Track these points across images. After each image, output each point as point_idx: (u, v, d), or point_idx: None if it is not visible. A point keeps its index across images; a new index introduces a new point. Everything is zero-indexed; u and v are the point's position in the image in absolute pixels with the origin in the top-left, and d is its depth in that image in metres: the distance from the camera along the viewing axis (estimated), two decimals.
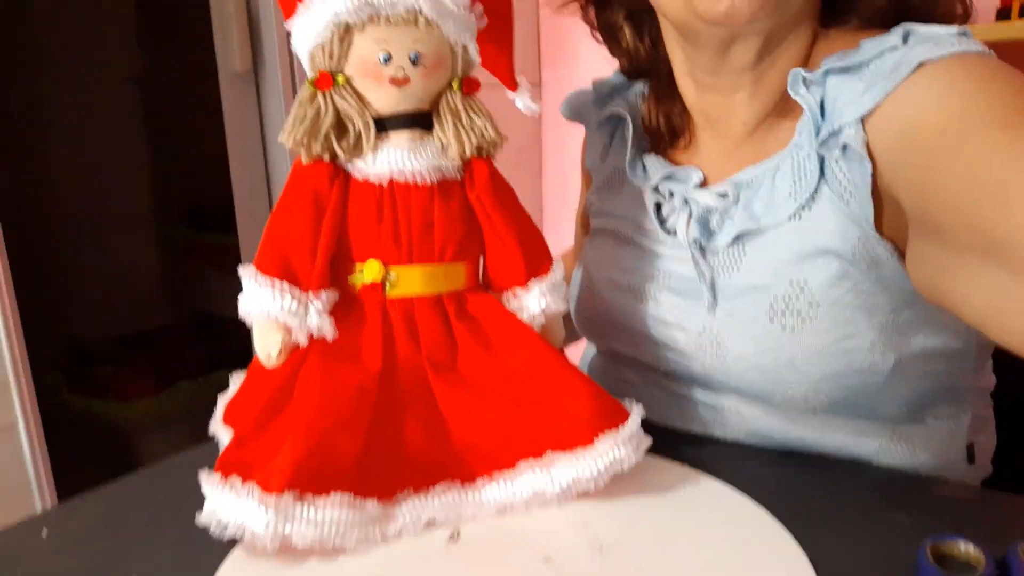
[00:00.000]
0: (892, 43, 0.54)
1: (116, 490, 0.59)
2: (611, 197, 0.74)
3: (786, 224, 0.57)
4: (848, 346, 0.56)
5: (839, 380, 0.57)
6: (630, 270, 0.68)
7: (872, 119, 0.53)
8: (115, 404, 1.67)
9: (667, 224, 0.66)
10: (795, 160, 0.58)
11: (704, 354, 0.62)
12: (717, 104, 0.65)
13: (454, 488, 0.51)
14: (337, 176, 0.51)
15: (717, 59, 0.62)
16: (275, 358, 0.50)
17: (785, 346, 0.57)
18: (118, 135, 1.62)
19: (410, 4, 0.49)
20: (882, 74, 0.53)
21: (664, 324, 0.65)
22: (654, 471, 0.55)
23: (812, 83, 0.57)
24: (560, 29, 1.84)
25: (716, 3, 0.54)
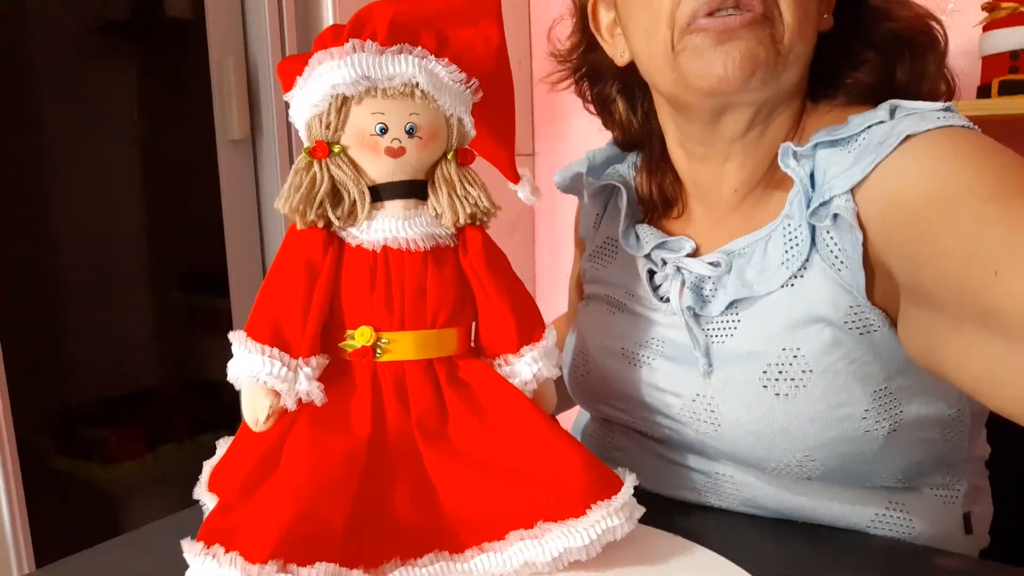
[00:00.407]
0: (879, 117, 0.56)
1: (96, 556, 0.58)
2: (604, 265, 0.75)
3: (778, 292, 0.58)
4: (842, 413, 0.56)
5: (834, 447, 0.57)
6: (623, 336, 0.68)
7: (862, 190, 0.54)
8: (100, 466, 1.64)
9: (660, 291, 0.67)
10: (786, 230, 0.59)
11: (698, 420, 0.62)
12: (708, 174, 0.67)
13: (442, 558, 0.50)
14: (331, 243, 0.52)
15: (708, 130, 0.64)
16: (263, 423, 0.50)
17: (779, 413, 0.57)
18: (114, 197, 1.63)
19: (407, 78, 0.51)
20: (870, 147, 0.54)
21: (658, 390, 0.65)
22: (647, 541, 0.54)
23: (802, 156, 0.58)
24: (553, 101, 1.89)
25: (707, 75, 0.57)
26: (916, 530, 0.61)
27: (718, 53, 0.56)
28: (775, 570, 0.51)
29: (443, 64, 0.52)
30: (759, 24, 0.55)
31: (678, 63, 0.58)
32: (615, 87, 0.74)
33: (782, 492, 0.61)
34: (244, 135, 1.49)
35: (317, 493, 0.47)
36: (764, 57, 0.56)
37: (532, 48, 1.89)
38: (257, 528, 0.45)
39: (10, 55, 1.42)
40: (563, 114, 1.87)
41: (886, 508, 0.61)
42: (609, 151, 0.79)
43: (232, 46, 1.48)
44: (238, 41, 1.49)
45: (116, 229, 1.66)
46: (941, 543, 0.62)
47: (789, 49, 0.57)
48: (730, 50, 0.55)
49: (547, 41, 0.78)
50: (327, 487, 0.47)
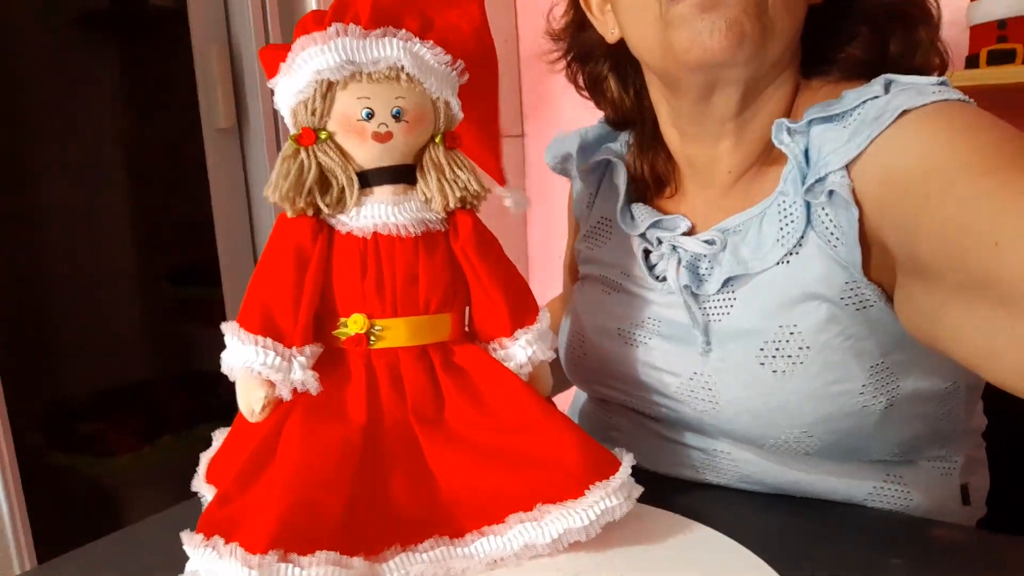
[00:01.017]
0: (874, 92, 0.55)
1: (97, 550, 0.58)
2: (599, 244, 0.75)
3: (774, 269, 0.58)
4: (839, 389, 0.56)
5: (831, 423, 0.57)
6: (620, 316, 0.68)
7: (857, 165, 0.54)
8: (97, 460, 1.64)
9: (656, 271, 0.67)
10: (781, 207, 0.59)
11: (696, 399, 0.62)
12: (702, 154, 0.67)
13: (443, 543, 0.50)
14: (321, 230, 0.51)
15: (699, 108, 0.63)
16: (259, 413, 0.50)
17: (776, 390, 0.57)
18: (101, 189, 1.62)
19: (392, 61, 0.50)
20: (866, 122, 0.54)
21: (655, 369, 0.65)
22: (646, 520, 0.54)
23: (796, 132, 0.58)
24: (542, 81, 1.87)
25: (693, 46, 0.56)
26: (914, 502, 0.62)
27: (704, 23, 0.55)
28: (774, 545, 0.51)
29: (428, 46, 0.51)
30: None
31: (665, 36, 0.58)
32: (606, 65, 0.74)
33: (779, 467, 0.62)
34: (230, 124, 1.48)
35: (315, 482, 0.47)
36: (750, 27, 0.55)
37: (519, 29, 1.88)
38: (256, 518, 0.45)
39: None
40: (552, 95, 1.86)
41: (883, 481, 0.61)
42: (601, 129, 0.78)
43: (215, 34, 1.47)
44: (221, 29, 1.48)
45: (105, 222, 1.65)
46: (939, 514, 0.63)
47: (775, 18, 0.56)
48: (715, 19, 0.55)
49: (546, 21, 0.78)
50: (325, 475, 0.47)
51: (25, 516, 1.21)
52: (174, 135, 1.60)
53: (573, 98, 0.80)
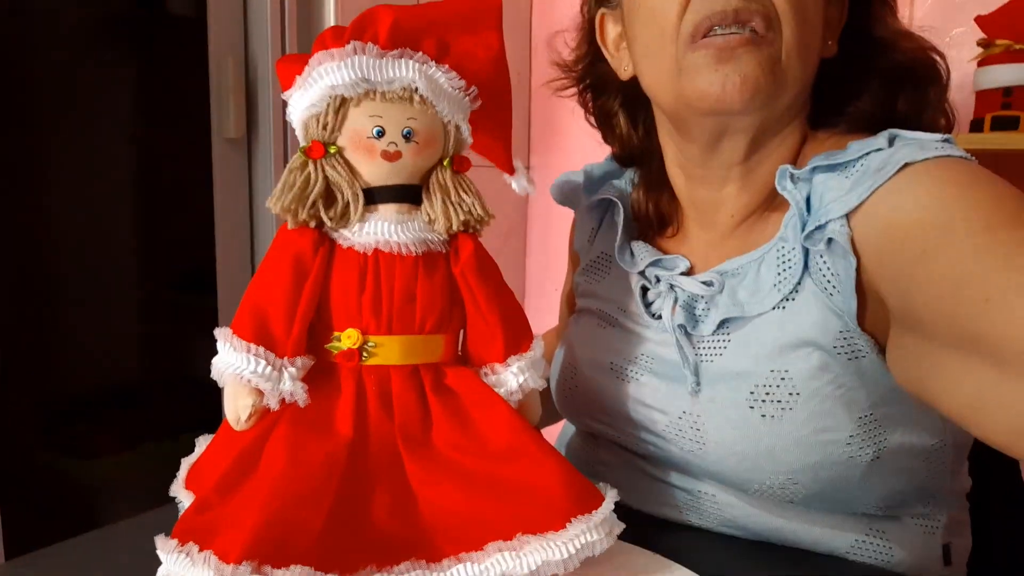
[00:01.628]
0: (878, 144, 0.56)
1: (67, 550, 0.57)
2: (598, 279, 0.75)
3: (769, 314, 0.58)
4: (826, 438, 0.56)
5: (817, 471, 0.57)
6: (613, 351, 0.68)
7: (857, 215, 0.54)
8: (80, 462, 1.63)
9: (652, 308, 0.67)
10: (780, 252, 0.59)
11: (683, 438, 0.62)
12: (706, 196, 0.67)
13: (419, 566, 0.49)
14: (322, 243, 0.51)
15: (707, 153, 0.64)
16: (244, 421, 0.50)
17: (764, 434, 0.57)
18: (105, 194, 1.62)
19: (406, 82, 0.51)
20: (868, 173, 0.55)
21: (644, 406, 0.65)
22: (626, 557, 0.54)
23: (799, 179, 0.59)
24: (550, 115, 1.89)
25: (707, 95, 0.57)
26: (895, 558, 0.61)
27: (718, 74, 0.56)
28: None
29: (443, 70, 0.52)
30: (760, 43, 0.56)
31: (679, 81, 0.59)
32: (617, 101, 0.74)
33: (763, 514, 0.61)
34: (240, 134, 1.48)
35: (296, 496, 0.46)
36: (763, 79, 0.56)
37: (532, 61, 1.90)
38: (233, 528, 0.45)
39: (8, 51, 1.42)
40: (560, 129, 1.88)
41: (866, 535, 0.61)
42: (607, 166, 0.79)
43: (232, 45, 1.48)
44: (238, 41, 1.49)
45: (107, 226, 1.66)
46: (920, 573, 0.62)
47: (788, 69, 0.57)
48: (730, 72, 0.56)
49: (548, 48, 0.78)
50: (306, 490, 0.47)
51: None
52: (183, 143, 1.61)
53: (581, 132, 0.81)
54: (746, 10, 0.55)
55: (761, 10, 0.55)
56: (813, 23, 0.58)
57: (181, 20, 1.64)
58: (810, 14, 0.57)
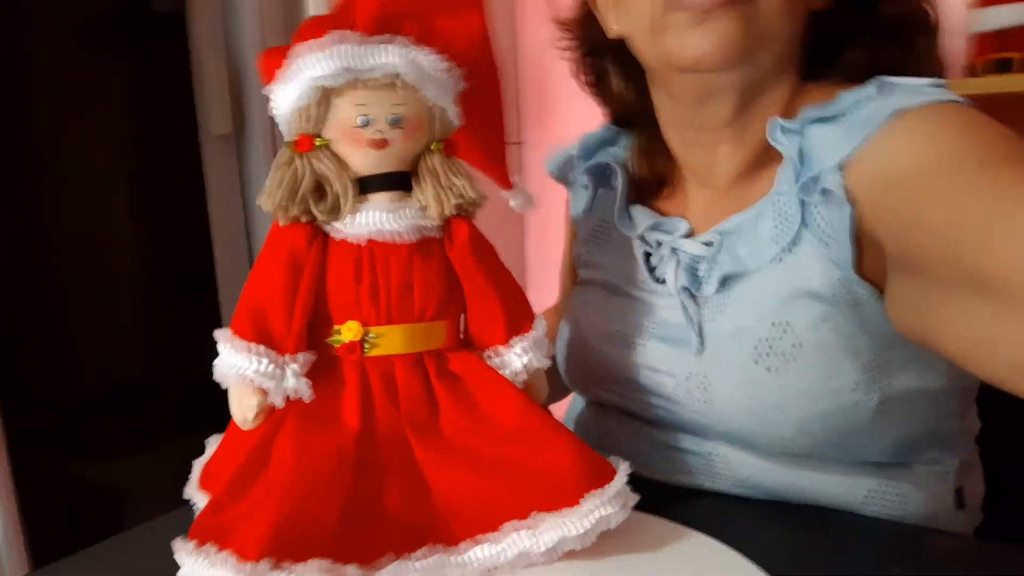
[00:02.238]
0: (868, 93, 0.56)
1: (92, 556, 0.57)
2: (599, 248, 0.75)
3: (768, 267, 0.59)
4: (832, 386, 0.56)
5: (825, 420, 0.57)
6: (618, 319, 0.68)
7: (851, 165, 0.55)
8: (94, 465, 1.64)
9: (656, 273, 0.67)
10: (777, 205, 0.59)
11: (692, 399, 0.62)
12: (701, 157, 0.67)
13: (437, 551, 0.49)
14: (315, 237, 0.51)
15: (695, 112, 0.64)
16: (251, 421, 0.50)
17: (771, 388, 0.58)
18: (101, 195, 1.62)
19: (389, 69, 0.50)
20: (859, 121, 0.55)
21: (652, 371, 0.65)
22: (642, 528, 0.54)
23: (790, 131, 0.58)
24: (540, 89, 1.88)
25: (686, 54, 0.57)
26: (909, 506, 0.62)
27: (697, 33, 0.56)
28: (771, 554, 0.51)
29: (426, 54, 0.51)
30: (737, 2, 0.55)
31: (660, 40, 0.59)
32: (610, 60, 0.74)
33: (775, 470, 0.61)
34: (228, 130, 1.48)
35: (308, 490, 0.47)
36: (743, 38, 0.56)
37: (517, 36, 1.88)
38: (249, 526, 0.45)
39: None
40: (550, 103, 1.86)
41: (879, 484, 0.61)
42: (603, 134, 0.78)
43: (215, 41, 1.47)
44: (221, 36, 1.48)
45: (103, 226, 1.65)
46: (934, 518, 0.63)
47: (768, 27, 0.57)
48: (708, 31, 0.56)
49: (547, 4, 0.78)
50: (318, 483, 0.47)
51: (17, 520, 1.20)
52: (173, 140, 1.61)
53: (572, 106, 0.80)
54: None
55: None
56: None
57: (163, 17, 1.63)
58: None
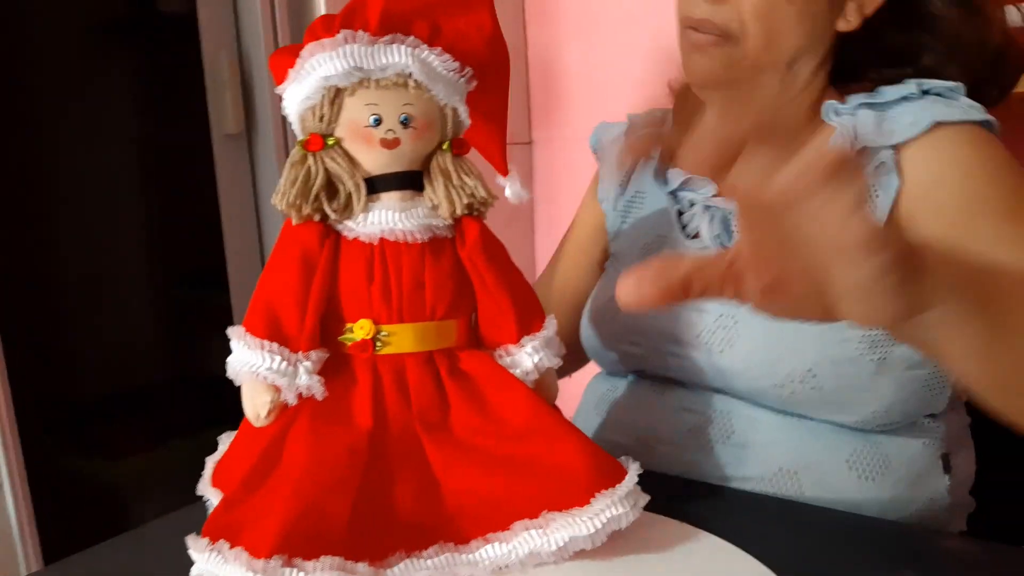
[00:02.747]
0: (910, 91, 0.63)
1: (102, 553, 0.58)
2: (633, 216, 0.81)
3: None
4: (842, 335, 0.63)
5: (834, 367, 0.63)
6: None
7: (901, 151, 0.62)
8: (104, 463, 1.64)
9: (687, 229, 0.73)
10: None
11: (716, 339, 0.66)
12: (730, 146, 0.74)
13: (447, 550, 0.50)
14: (328, 236, 0.51)
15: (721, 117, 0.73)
16: (264, 418, 0.50)
17: (790, 330, 0.61)
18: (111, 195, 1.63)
19: (400, 68, 0.50)
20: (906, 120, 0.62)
21: (685, 312, 0.69)
22: (653, 528, 0.54)
23: (844, 112, 0.66)
24: (550, 88, 1.88)
25: (687, 68, 0.68)
26: (891, 467, 0.65)
27: (691, 59, 0.67)
28: (782, 555, 0.51)
29: (436, 53, 0.52)
30: (722, 44, 0.65)
31: (681, 53, 0.69)
32: None
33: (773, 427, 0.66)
34: (239, 130, 1.48)
35: (320, 487, 0.47)
36: (720, 72, 0.66)
37: (527, 35, 1.88)
38: (261, 523, 0.45)
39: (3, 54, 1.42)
40: (560, 102, 1.86)
41: (863, 445, 0.65)
42: (650, 114, 0.84)
43: (225, 40, 1.47)
44: (231, 35, 1.48)
45: (114, 226, 1.66)
46: (917, 480, 0.66)
47: (749, 63, 0.65)
48: (696, 62, 0.67)
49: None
50: (330, 481, 0.47)
51: (32, 517, 1.21)
52: (183, 140, 1.61)
53: (582, 105, 0.81)
54: (709, 22, 0.64)
55: (722, 21, 0.64)
56: (780, 28, 0.65)
57: (173, 18, 1.64)
58: (777, 20, 0.64)
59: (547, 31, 1.70)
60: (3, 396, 1.17)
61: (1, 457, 1.19)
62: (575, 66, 1.56)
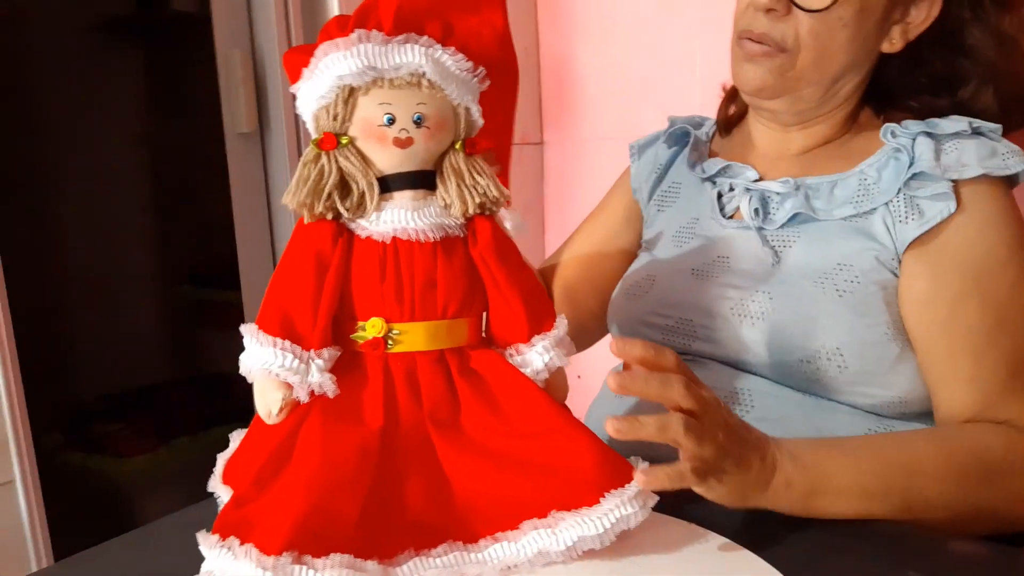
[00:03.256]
0: (963, 128, 0.67)
1: (113, 549, 0.58)
2: (669, 205, 0.85)
3: (838, 222, 0.70)
4: (869, 321, 0.67)
5: (862, 348, 0.66)
6: (693, 258, 0.77)
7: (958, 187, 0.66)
8: (114, 461, 1.65)
9: (726, 210, 0.77)
10: (861, 182, 0.70)
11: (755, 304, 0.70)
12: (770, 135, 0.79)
13: (456, 548, 0.50)
14: (340, 234, 0.52)
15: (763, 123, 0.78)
16: (276, 415, 0.50)
17: (824, 305, 0.67)
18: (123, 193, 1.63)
19: (414, 68, 0.51)
20: (955, 161, 0.66)
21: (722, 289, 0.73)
22: (661, 529, 0.54)
23: (899, 135, 0.69)
24: (562, 89, 1.88)
25: (738, 78, 0.74)
26: None
27: (743, 68, 0.73)
28: (789, 556, 0.51)
29: (450, 53, 0.52)
30: (775, 55, 0.70)
31: (733, 62, 0.74)
32: None
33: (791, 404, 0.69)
34: (252, 128, 1.49)
35: (331, 485, 0.47)
36: (773, 83, 0.71)
37: (539, 36, 1.88)
38: (272, 520, 0.46)
39: (17, 52, 1.43)
40: (572, 102, 1.86)
41: (879, 429, 0.68)
42: (687, 121, 0.89)
43: (238, 39, 1.48)
44: (244, 34, 1.49)
45: (126, 224, 1.67)
46: None
47: (799, 77, 0.70)
48: (748, 70, 0.72)
49: None
50: (340, 479, 0.48)
51: (43, 515, 1.22)
52: (196, 139, 1.62)
53: (593, 106, 0.81)
54: (767, 35, 0.69)
55: (779, 36, 0.69)
56: (831, 47, 0.69)
57: (186, 16, 1.64)
58: (832, 40, 0.69)
59: (559, 32, 1.70)
60: (15, 393, 1.17)
61: (12, 454, 1.19)
62: (587, 67, 1.55)
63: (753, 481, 0.54)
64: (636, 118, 0.86)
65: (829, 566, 0.51)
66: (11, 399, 1.16)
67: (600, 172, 0.90)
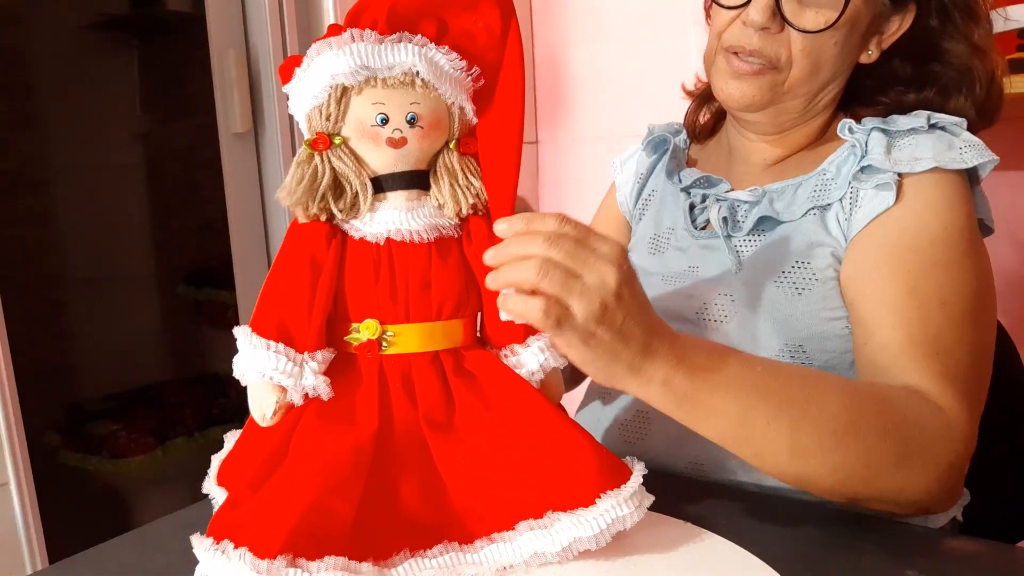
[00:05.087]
0: (920, 124, 0.68)
1: (107, 551, 0.58)
2: (647, 212, 0.86)
3: (798, 221, 0.71)
4: (829, 315, 0.69)
5: (823, 342, 0.68)
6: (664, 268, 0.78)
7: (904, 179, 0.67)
8: (109, 461, 1.65)
9: (697, 222, 0.78)
10: (820, 179, 0.71)
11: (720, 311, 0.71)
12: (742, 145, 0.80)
13: (452, 549, 0.50)
14: (334, 236, 0.51)
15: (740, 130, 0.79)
16: (270, 418, 0.50)
17: (785, 305, 0.69)
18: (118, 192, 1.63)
19: (407, 67, 0.50)
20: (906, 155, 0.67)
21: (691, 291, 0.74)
22: (657, 529, 0.54)
23: (856, 131, 0.70)
24: (556, 88, 1.87)
25: (720, 94, 0.73)
26: None
27: (730, 84, 0.72)
28: (786, 555, 0.51)
29: (443, 52, 0.52)
30: (766, 72, 0.70)
31: (711, 75, 0.75)
32: None
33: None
34: (246, 128, 1.48)
35: (325, 487, 0.47)
36: (760, 98, 0.71)
37: (534, 35, 1.88)
38: (266, 523, 0.45)
39: (12, 53, 1.42)
40: (566, 101, 1.86)
41: None
42: (667, 127, 0.89)
43: (233, 39, 1.47)
44: (239, 34, 1.48)
45: (121, 225, 1.66)
46: None
47: (788, 92, 0.71)
48: (736, 86, 0.72)
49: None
50: (335, 481, 0.47)
51: (37, 516, 1.21)
52: (191, 139, 1.61)
53: (587, 105, 0.81)
54: (760, 52, 0.69)
55: (773, 53, 0.69)
56: (822, 62, 0.70)
57: (181, 16, 1.64)
58: (822, 56, 0.70)
59: (553, 32, 1.70)
60: (9, 395, 1.17)
61: (7, 456, 1.19)
62: (580, 67, 1.55)
63: (627, 360, 0.50)
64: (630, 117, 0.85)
65: (828, 566, 0.51)
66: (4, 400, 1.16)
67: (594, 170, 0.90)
